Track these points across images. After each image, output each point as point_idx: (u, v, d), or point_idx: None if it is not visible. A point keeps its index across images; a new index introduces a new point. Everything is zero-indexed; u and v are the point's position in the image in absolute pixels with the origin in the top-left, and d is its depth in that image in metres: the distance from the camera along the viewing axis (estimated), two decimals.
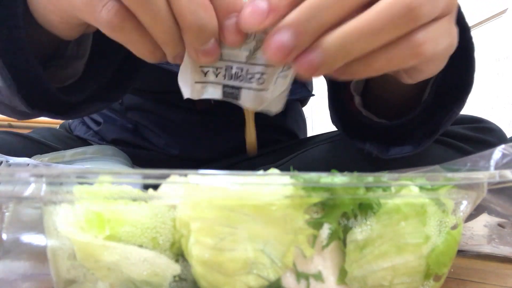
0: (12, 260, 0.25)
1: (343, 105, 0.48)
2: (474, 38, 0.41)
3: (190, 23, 0.25)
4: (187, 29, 0.26)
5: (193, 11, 0.25)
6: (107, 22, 0.26)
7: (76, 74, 0.43)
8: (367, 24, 0.24)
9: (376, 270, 0.23)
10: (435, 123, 0.41)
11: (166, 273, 0.22)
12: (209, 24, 0.26)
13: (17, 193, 0.21)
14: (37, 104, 0.38)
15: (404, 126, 0.43)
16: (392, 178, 0.23)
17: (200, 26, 0.25)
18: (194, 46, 0.26)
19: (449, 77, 0.39)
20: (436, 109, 0.41)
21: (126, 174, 0.22)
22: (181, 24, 0.26)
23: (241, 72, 0.29)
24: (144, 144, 0.68)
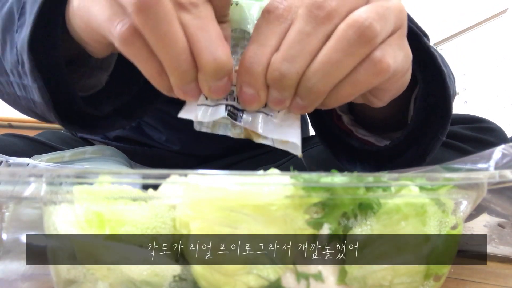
0: (12, 260, 0.25)
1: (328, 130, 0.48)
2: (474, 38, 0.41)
3: (208, 62, 0.25)
4: (204, 68, 0.26)
5: (212, 52, 0.25)
6: (119, 36, 0.26)
7: (99, 84, 0.44)
8: (328, 61, 0.26)
9: (376, 270, 0.23)
10: (422, 147, 0.42)
11: (166, 273, 0.22)
12: (226, 66, 0.26)
13: (17, 193, 0.21)
14: (67, 117, 0.40)
15: (393, 149, 0.44)
16: (392, 178, 0.23)
17: (216, 67, 0.26)
18: (208, 83, 0.27)
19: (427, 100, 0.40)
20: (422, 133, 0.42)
21: (126, 174, 0.22)
22: (199, 62, 0.26)
23: None
24: (145, 140, 0.68)
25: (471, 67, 1.97)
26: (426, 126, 0.41)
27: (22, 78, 0.37)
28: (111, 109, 0.44)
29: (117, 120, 0.45)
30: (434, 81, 0.39)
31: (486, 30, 1.93)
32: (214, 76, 0.26)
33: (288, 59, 0.26)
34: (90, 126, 0.43)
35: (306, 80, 0.27)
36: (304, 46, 0.26)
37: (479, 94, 1.94)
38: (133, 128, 0.69)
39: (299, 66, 0.26)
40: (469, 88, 1.98)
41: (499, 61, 1.85)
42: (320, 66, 0.26)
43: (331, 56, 0.26)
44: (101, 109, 0.43)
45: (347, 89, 0.28)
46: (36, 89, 0.35)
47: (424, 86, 0.39)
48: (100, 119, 0.44)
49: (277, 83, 0.27)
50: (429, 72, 0.39)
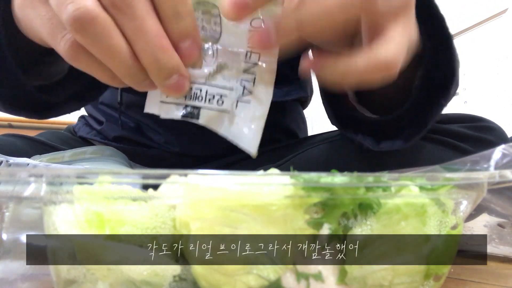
0: (12, 260, 0.25)
1: (336, 100, 0.48)
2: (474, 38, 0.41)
3: (150, 63, 0.26)
4: (148, 68, 0.27)
5: (151, 53, 0.26)
6: (64, 52, 0.27)
7: (62, 71, 0.44)
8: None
9: (376, 270, 0.23)
10: (423, 117, 0.42)
11: (166, 273, 0.22)
12: (168, 63, 0.27)
13: (17, 193, 0.21)
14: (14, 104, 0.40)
15: (395, 121, 0.43)
16: (392, 178, 0.23)
17: (159, 66, 0.26)
18: (159, 82, 0.27)
19: (433, 70, 0.40)
20: (424, 103, 0.41)
21: (126, 174, 0.22)
22: (143, 63, 0.26)
23: (200, 92, 0.31)
24: (145, 141, 0.68)
25: (471, 67, 1.97)
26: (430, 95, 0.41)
27: None
28: (67, 95, 0.44)
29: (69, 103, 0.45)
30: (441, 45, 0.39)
31: (486, 30, 1.93)
32: (160, 76, 0.27)
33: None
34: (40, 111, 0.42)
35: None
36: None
37: (479, 94, 1.94)
38: (133, 129, 0.69)
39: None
40: (469, 88, 1.98)
41: (499, 61, 1.85)
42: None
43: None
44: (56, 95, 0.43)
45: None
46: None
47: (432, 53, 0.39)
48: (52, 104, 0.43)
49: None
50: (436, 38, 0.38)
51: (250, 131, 0.31)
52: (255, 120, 0.31)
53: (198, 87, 0.30)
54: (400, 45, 0.27)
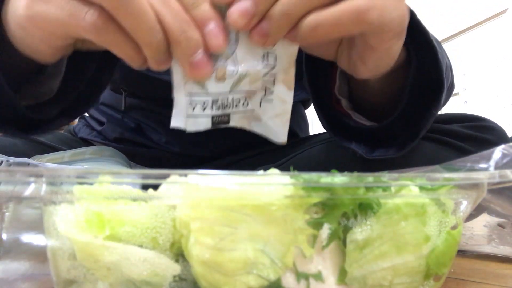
0: (12, 260, 0.25)
1: (328, 108, 0.48)
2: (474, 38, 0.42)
3: (178, 35, 0.27)
4: (175, 42, 0.28)
5: (180, 25, 0.27)
6: (91, 26, 0.27)
7: (51, 91, 0.44)
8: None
9: (376, 270, 0.23)
10: (415, 126, 0.43)
11: (166, 273, 0.22)
12: (194, 36, 0.28)
13: (17, 193, 0.21)
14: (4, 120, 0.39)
15: (387, 129, 0.44)
16: (392, 178, 0.23)
17: (186, 38, 0.27)
18: (185, 58, 0.28)
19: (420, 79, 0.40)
20: (415, 111, 0.42)
21: (126, 174, 0.22)
22: (170, 38, 0.28)
23: (227, 101, 0.32)
24: (145, 142, 0.68)
25: (471, 67, 1.97)
26: (420, 105, 0.42)
27: None
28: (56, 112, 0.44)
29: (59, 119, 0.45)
30: (426, 56, 0.40)
31: (486, 30, 1.93)
32: (187, 50, 0.28)
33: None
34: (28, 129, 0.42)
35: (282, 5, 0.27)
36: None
37: (479, 94, 1.94)
38: (133, 129, 0.69)
39: None
40: (469, 88, 1.98)
41: (499, 61, 1.85)
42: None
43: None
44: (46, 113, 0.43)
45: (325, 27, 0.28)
46: None
47: (417, 63, 0.40)
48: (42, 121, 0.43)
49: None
50: (421, 48, 0.39)
51: (276, 125, 0.33)
52: (279, 116, 0.33)
53: (224, 97, 0.32)
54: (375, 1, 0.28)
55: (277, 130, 0.33)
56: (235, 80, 0.31)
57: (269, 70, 0.32)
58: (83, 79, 0.45)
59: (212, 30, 0.28)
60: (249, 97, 0.32)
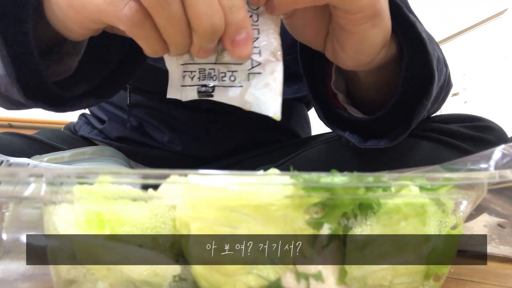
0: (12, 260, 0.25)
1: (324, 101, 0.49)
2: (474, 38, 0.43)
3: (206, 26, 0.28)
4: (201, 32, 0.28)
5: (210, 16, 0.27)
6: (129, 19, 0.28)
7: (69, 70, 0.44)
8: None
9: (376, 270, 0.23)
10: (407, 117, 0.43)
11: (166, 273, 0.22)
12: (220, 29, 0.28)
13: (17, 193, 0.21)
14: (33, 95, 0.40)
15: (380, 121, 0.45)
16: (392, 178, 0.23)
17: (214, 29, 0.28)
18: (203, 45, 0.29)
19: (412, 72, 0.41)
20: (407, 103, 0.43)
21: (126, 174, 0.22)
22: (196, 27, 0.28)
23: (214, 72, 0.32)
24: (147, 141, 0.68)
25: (471, 67, 1.97)
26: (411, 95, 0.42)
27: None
28: (81, 91, 0.45)
29: (85, 99, 0.46)
30: (416, 48, 0.40)
31: (486, 30, 1.93)
32: (209, 40, 0.29)
33: None
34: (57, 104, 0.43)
35: None
36: None
37: (479, 94, 1.94)
38: (135, 128, 0.69)
39: None
40: (469, 88, 1.98)
41: (499, 61, 1.85)
42: None
43: None
44: (71, 91, 0.44)
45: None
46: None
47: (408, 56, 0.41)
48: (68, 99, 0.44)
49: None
50: (410, 41, 0.40)
51: (264, 95, 0.32)
52: (268, 86, 0.32)
53: (211, 67, 0.32)
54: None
55: (266, 101, 0.32)
56: (219, 49, 0.31)
57: (253, 41, 0.32)
58: (109, 62, 0.46)
59: (243, 39, 0.29)
60: (235, 71, 0.32)
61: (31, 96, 0.39)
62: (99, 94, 0.47)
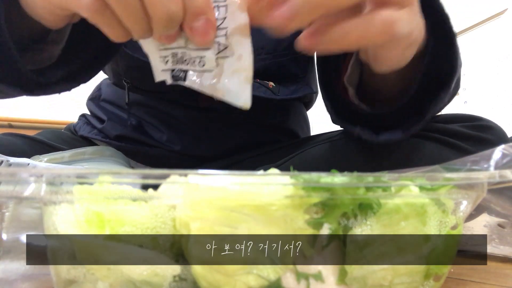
0: (12, 260, 0.25)
1: (335, 94, 0.49)
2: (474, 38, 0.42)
3: (162, 13, 0.28)
4: (157, 19, 0.28)
5: (165, 3, 0.27)
6: (89, 7, 0.29)
7: (52, 58, 0.45)
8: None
9: (376, 270, 0.23)
10: (422, 109, 0.43)
11: (166, 273, 0.22)
12: (178, 16, 0.28)
13: (17, 193, 0.21)
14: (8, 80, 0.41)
15: (394, 113, 0.44)
16: (392, 178, 0.23)
17: (170, 17, 0.28)
18: (163, 32, 0.29)
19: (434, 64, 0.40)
20: (424, 95, 0.42)
21: (126, 174, 0.22)
22: (152, 14, 0.28)
23: (186, 56, 0.32)
24: (146, 140, 0.68)
25: (471, 67, 1.96)
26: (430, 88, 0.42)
27: None
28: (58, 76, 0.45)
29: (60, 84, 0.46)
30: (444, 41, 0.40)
31: (486, 30, 1.93)
32: (167, 27, 0.29)
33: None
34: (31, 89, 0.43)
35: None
36: None
37: (479, 94, 1.94)
38: (135, 127, 0.69)
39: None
40: (469, 88, 1.98)
41: (499, 61, 1.85)
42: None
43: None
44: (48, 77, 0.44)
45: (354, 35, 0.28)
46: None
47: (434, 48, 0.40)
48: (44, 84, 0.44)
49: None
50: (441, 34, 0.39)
51: (233, 83, 0.31)
52: (236, 72, 0.31)
53: (183, 51, 0.31)
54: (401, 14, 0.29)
55: (235, 89, 0.31)
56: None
57: (220, 24, 0.30)
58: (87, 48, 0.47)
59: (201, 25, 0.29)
60: (203, 56, 0.31)
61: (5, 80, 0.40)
62: (74, 79, 0.47)
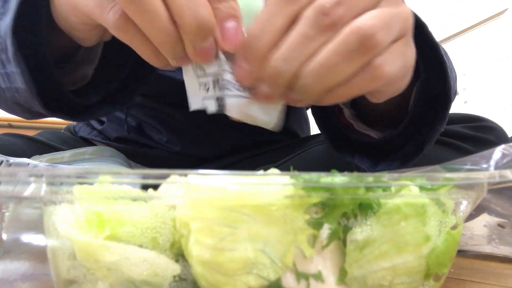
0: (12, 260, 0.25)
1: (329, 121, 0.48)
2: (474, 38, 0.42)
3: (190, 20, 0.26)
4: (187, 27, 0.26)
5: (192, 8, 0.26)
6: (113, 24, 0.28)
7: (85, 78, 0.45)
8: (325, 63, 0.26)
9: (376, 270, 0.23)
10: (420, 139, 0.43)
11: (166, 273, 0.22)
12: (208, 21, 0.26)
13: (17, 193, 0.21)
14: (52, 106, 0.40)
15: (392, 142, 0.44)
16: (392, 178, 0.23)
17: (199, 23, 0.26)
18: (194, 44, 0.27)
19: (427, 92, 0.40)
20: (420, 125, 0.42)
21: (126, 174, 0.22)
22: (180, 22, 0.26)
23: (224, 82, 0.30)
24: (146, 141, 0.68)
25: (471, 67, 1.97)
26: (425, 118, 0.41)
27: (6, 66, 0.37)
28: (98, 98, 0.45)
29: (103, 107, 0.46)
30: (436, 71, 0.39)
31: (486, 30, 1.93)
32: (197, 35, 0.27)
33: (287, 59, 0.26)
34: (75, 113, 0.43)
35: (301, 79, 0.27)
36: (304, 49, 0.26)
37: (479, 94, 1.94)
38: (134, 129, 0.69)
39: (295, 67, 0.27)
40: (469, 88, 1.98)
41: (499, 61, 1.85)
42: (317, 67, 0.26)
43: (329, 59, 0.26)
44: (88, 99, 0.44)
45: (341, 90, 0.28)
46: (20, 74, 0.36)
47: (426, 77, 0.39)
48: (86, 107, 0.44)
49: (271, 79, 0.27)
50: (431, 62, 0.39)
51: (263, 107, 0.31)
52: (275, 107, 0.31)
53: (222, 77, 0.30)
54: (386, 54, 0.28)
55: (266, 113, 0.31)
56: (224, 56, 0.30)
57: None
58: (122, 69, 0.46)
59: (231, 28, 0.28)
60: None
61: (50, 106, 0.40)
62: (115, 101, 0.47)
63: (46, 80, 0.38)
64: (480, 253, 0.44)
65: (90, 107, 0.45)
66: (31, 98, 0.38)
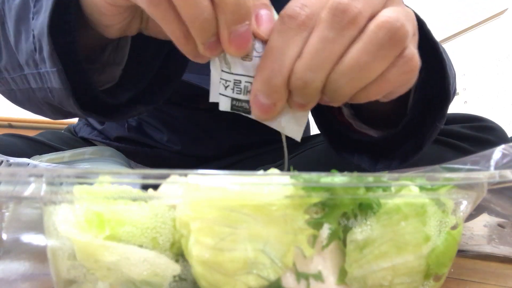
0: (12, 260, 0.25)
1: (328, 120, 0.48)
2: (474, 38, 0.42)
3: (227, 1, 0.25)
4: (225, 4, 0.25)
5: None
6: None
7: (112, 79, 0.44)
8: (356, 64, 0.25)
9: (376, 270, 0.23)
10: (420, 138, 0.42)
11: (166, 273, 0.22)
12: (247, 1, 0.25)
13: (17, 193, 0.21)
14: (87, 107, 0.40)
15: (391, 141, 0.44)
16: (392, 178, 0.23)
17: (238, 1, 0.25)
18: (230, 26, 0.26)
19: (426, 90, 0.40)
20: (420, 123, 0.42)
21: (126, 174, 0.22)
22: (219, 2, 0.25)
23: (251, 86, 0.29)
24: (146, 141, 0.68)
25: (471, 67, 1.97)
26: (425, 116, 0.41)
27: (39, 66, 0.37)
28: (128, 98, 0.45)
29: (134, 107, 0.46)
30: (435, 68, 0.39)
31: (486, 30, 1.93)
32: (234, 15, 0.25)
33: (312, 68, 0.26)
34: (107, 113, 0.43)
35: (332, 83, 0.26)
36: (328, 54, 0.25)
37: (479, 94, 1.94)
38: (134, 128, 0.69)
39: (324, 74, 0.26)
40: (469, 88, 1.98)
41: (499, 61, 1.85)
42: (348, 69, 0.26)
43: (359, 59, 0.25)
44: (118, 98, 0.44)
45: (375, 87, 0.27)
46: (56, 74, 0.35)
47: (425, 74, 0.39)
48: (118, 107, 0.44)
49: (301, 91, 0.26)
50: (430, 60, 0.39)
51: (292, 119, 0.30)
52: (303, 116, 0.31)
53: (248, 80, 0.29)
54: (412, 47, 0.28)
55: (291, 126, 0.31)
56: (259, 61, 0.28)
57: None
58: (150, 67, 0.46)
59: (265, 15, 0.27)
60: None
61: (85, 107, 0.39)
62: (146, 101, 0.47)
63: (78, 79, 0.38)
64: (480, 253, 0.44)
65: (121, 107, 0.44)
66: (66, 98, 0.37)
